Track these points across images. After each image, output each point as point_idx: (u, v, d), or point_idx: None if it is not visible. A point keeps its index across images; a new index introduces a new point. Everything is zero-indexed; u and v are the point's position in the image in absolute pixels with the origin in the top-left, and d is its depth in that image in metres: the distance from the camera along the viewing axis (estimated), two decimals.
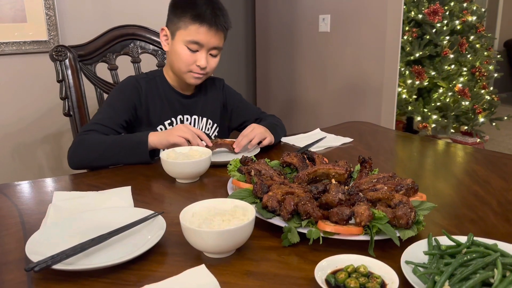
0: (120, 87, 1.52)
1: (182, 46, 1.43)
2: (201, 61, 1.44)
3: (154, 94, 1.52)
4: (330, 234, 0.81)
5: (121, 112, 1.45)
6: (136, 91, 1.50)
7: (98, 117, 1.43)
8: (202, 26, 1.41)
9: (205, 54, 1.45)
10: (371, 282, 0.66)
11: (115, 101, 1.48)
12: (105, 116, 1.42)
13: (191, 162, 1.15)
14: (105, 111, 1.45)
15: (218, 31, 1.44)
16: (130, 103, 1.48)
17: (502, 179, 1.17)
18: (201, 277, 0.71)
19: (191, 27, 1.41)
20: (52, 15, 2.12)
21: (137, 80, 1.52)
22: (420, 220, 0.83)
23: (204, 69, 1.46)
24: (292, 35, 3.72)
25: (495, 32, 5.94)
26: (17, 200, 1.09)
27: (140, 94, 1.50)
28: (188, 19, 1.41)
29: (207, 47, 1.44)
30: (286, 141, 1.57)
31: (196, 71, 1.46)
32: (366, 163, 1.07)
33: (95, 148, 1.32)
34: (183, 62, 1.45)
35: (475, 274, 0.65)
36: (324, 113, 3.57)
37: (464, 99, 3.78)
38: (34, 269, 0.70)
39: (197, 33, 1.41)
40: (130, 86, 1.50)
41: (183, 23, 1.42)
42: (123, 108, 1.46)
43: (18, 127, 2.16)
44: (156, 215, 0.90)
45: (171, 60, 1.50)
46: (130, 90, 1.49)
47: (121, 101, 1.47)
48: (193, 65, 1.45)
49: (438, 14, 3.67)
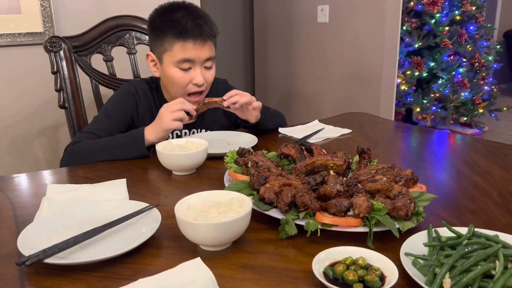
0: (118, 96, 1.48)
1: (174, 69, 1.36)
2: (197, 78, 1.36)
3: (153, 109, 1.46)
4: (328, 226, 0.79)
5: (118, 122, 1.40)
6: (134, 102, 1.45)
7: (93, 127, 1.39)
8: (187, 42, 1.33)
9: (200, 69, 1.37)
10: (370, 274, 0.65)
11: (112, 111, 1.43)
12: (101, 127, 1.37)
13: (187, 154, 1.14)
14: (101, 121, 1.40)
15: (205, 42, 1.36)
16: (128, 115, 1.43)
17: (503, 170, 1.16)
18: (196, 271, 0.70)
19: (176, 45, 1.33)
20: (47, 7, 2.09)
21: (136, 90, 1.47)
22: (420, 211, 0.82)
23: (202, 85, 1.39)
24: (291, 26, 3.69)
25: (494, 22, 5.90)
26: (11, 193, 1.08)
27: (138, 106, 1.45)
28: (171, 38, 1.34)
29: (199, 61, 1.36)
30: (284, 133, 1.56)
31: (194, 90, 1.39)
32: (364, 154, 1.06)
33: (88, 155, 1.28)
34: (179, 85, 1.38)
35: (476, 266, 0.64)
36: (322, 104, 3.55)
37: (464, 90, 3.77)
38: (26, 263, 0.69)
39: (184, 50, 1.33)
40: (128, 97, 1.45)
41: (167, 44, 1.35)
42: (120, 118, 1.42)
43: (14, 120, 2.14)
44: (151, 207, 0.88)
45: (166, 85, 1.44)
46: (128, 101, 1.45)
47: (118, 112, 1.42)
48: (190, 84, 1.38)
49: (438, 4, 3.64)
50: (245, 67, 4.55)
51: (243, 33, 4.46)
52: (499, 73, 5.41)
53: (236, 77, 4.45)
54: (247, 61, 4.53)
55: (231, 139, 1.44)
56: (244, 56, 4.52)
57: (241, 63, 4.53)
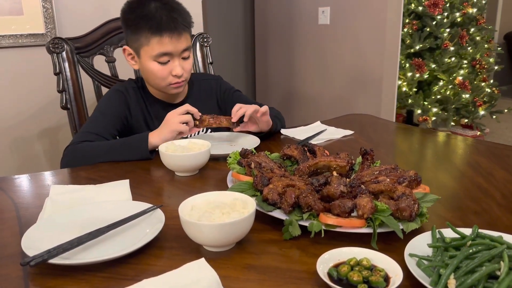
0: (110, 95, 1.48)
1: (152, 62, 1.37)
2: (176, 70, 1.38)
3: (142, 106, 1.48)
4: (332, 227, 0.79)
5: (113, 119, 1.41)
6: (124, 100, 1.45)
7: (89, 126, 1.39)
8: (163, 36, 1.33)
9: (178, 61, 1.38)
10: (374, 275, 0.65)
11: (105, 109, 1.43)
12: (98, 125, 1.38)
13: (190, 155, 1.14)
14: (96, 120, 1.41)
15: (181, 34, 1.36)
16: (121, 113, 1.44)
17: (505, 171, 1.16)
18: (200, 271, 0.70)
19: (152, 40, 1.34)
20: (49, 8, 2.10)
21: (126, 89, 1.47)
22: (424, 212, 0.82)
23: (181, 76, 1.40)
24: (292, 28, 3.70)
25: (495, 24, 5.90)
26: (14, 194, 1.08)
27: (129, 105, 1.46)
28: (147, 33, 1.34)
29: (177, 53, 1.37)
30: (286, 134, 1.56)
31: (175, 81, 1.40)
32: (368, 155, 1.06)
33: (89, 157, 1.28)
34: (159, 78, 1.39)
35: (481, 267, 0.64)
36: (324, 106, 3.55)
37: (465, 92, 3.77)
38: (30, 263, 0.69)
39: (161, 45, 1.34)
40: (119, 95, 1.46)
41: (144, 38, 1.35)
42: (114, 115, 1.42)
43: (16, 121, 2.14)
44: (155, 208, 0.88)
45: (146, 78, 1.45)
46: (120, 99, 1.45)
47: (111, 109, 1.43)
48: (169, 76, 1.39)
49: (439, 6, 3.64)
50: (246, 69, 4.55)
51: (244, 35, 4.46)
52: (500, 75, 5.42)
53: (237, 79, 4.45)
54: (248, 63, 4.53)
55: (234, 140, 1.44)
56: (245, 58, 4.52)
57: (242, 65, 4.53)
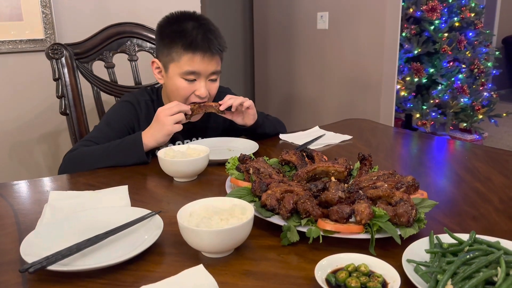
0: (119, 106, 1.47)
1: (179, 79, 1.36)
2: (201, 90, 1.36)
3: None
4: (330, 233, 0.80)
5: (118, 131, 1.39)
6: (134, 112, 1.45)
7: (93, 135, 1.38)
8: (195, 54, 1.32)
9: (204, 82, 1.37)
10: (372, 281, 0.65)
11: (112, 120, 1.43)
12: (101, 135, 1.37)
13: (189, 161, 1.14)
14: (101, 130, 1.40)
15: (213, 56, 1.35)
16: (128, 125, 1.43)
17: (503, 176, 1.16)
18: (199, 277, 0.70)
19: (184, 57, 1.33)
20: (48, 13, 2.10)
21: (138, 101, 1.46)
22: (421, 218, 0.82)
23: (205, 97, 1.39)
24: (290, 32, 3.71)
25: (493, 28, 5.92)
26: (13, 200, 1.08)
27: (139, 117, 1.45)
28: (179, 49, 1.33)
29: (205, 74, 1.36)
30: (285, 139, 1.56)
31: (196, 100, 1.38)
32: (366, 160, 1.06)
33: (86, 162, 1.27)
34: (182, 95, 1.38)
35: (478, 273, 0.64)
36: (322, 110, 3.56)
37: (463, 96, 3.78)
38: (29, 270, 0.69)
39: (191, 62, 1.33)
40: (129, 107, 1.45)
41: (175, 54, 1.34)
42: (120, 127, 1.41)
43: (15, 126, 2.14)
44: (153, 214, 0.89)
45: (168, 93, 1.43)
46: (129, 111, 1.44)
47: (118, 121, 1.42)
48: (192, 95, 1.38)
49: (437, 11, 3.66)
50: (245, 73, 4.56)
51: (243, 39, 4.48)
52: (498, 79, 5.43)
53: (237, 83, 4.46)
54: (247, 67, 4.55)
55: (232, 146, 1.44)
56: (244, 62, 4.53)
57: (241, 69, 4.54)
